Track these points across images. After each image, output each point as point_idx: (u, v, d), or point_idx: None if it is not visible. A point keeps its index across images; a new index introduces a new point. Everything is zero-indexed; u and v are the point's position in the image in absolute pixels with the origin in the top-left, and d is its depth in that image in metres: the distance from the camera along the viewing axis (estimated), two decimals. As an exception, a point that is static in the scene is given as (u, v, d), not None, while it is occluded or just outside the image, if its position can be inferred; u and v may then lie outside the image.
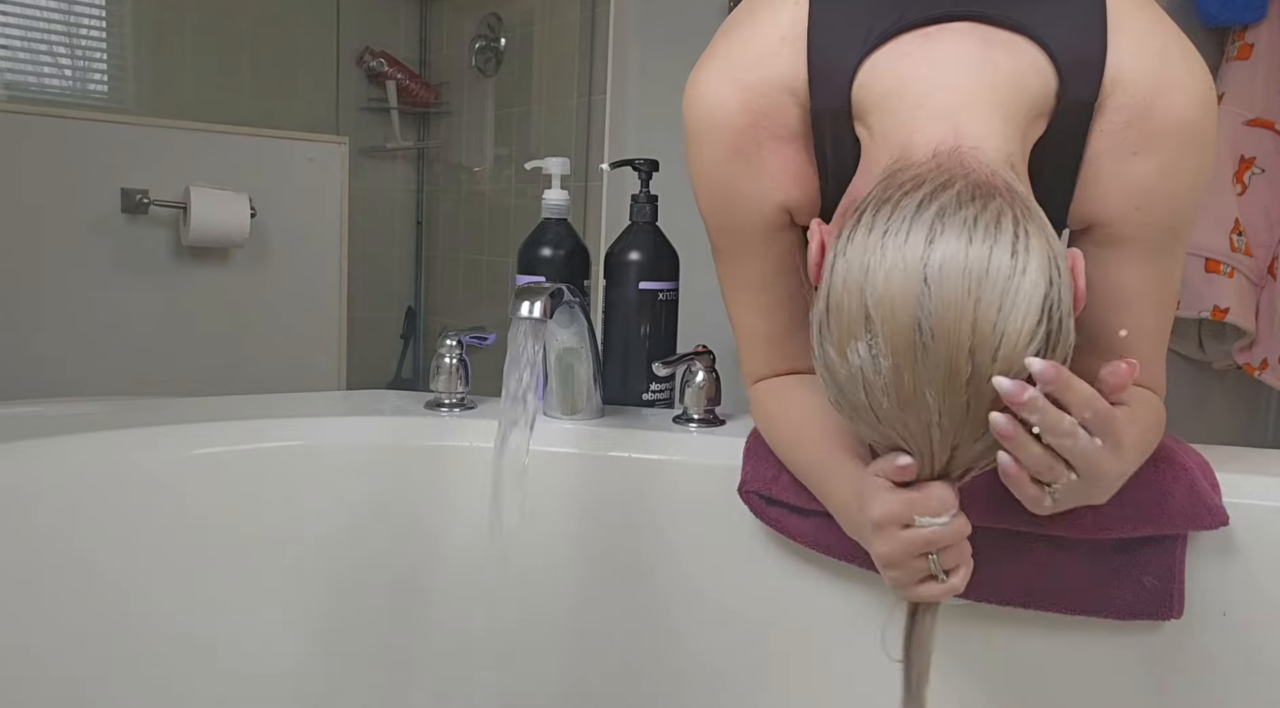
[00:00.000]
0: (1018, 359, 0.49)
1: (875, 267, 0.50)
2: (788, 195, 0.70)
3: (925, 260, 0.49)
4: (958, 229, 0.49)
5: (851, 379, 0.52)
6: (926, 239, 0.49)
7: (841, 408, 0.55)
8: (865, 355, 0.51)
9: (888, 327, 0.49)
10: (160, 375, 1.79)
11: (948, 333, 0.48)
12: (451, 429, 0.90)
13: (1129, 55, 0.62)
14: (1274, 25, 1.48)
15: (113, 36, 2.18)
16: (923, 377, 0.49)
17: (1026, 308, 0.49)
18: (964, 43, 0.61)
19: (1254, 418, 1.72)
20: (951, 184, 0.51)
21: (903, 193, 0.52)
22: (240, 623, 0.85)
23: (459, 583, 0.88)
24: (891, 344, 0.49)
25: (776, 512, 0.80)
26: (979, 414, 0.50)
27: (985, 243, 0.49)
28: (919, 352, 0.49)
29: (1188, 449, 0.75)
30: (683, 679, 0.86)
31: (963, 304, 0.48)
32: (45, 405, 0.93)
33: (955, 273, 0.48)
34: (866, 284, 0.50)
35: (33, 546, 0.77)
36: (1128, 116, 0.63)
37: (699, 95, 0.69)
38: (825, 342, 0.53)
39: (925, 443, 0.53)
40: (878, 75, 0.62)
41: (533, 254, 0.98)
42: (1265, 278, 1.49)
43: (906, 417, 0.51)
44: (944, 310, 0.48)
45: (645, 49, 1.90)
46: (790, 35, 0.66)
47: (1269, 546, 0.74)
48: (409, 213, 2.76)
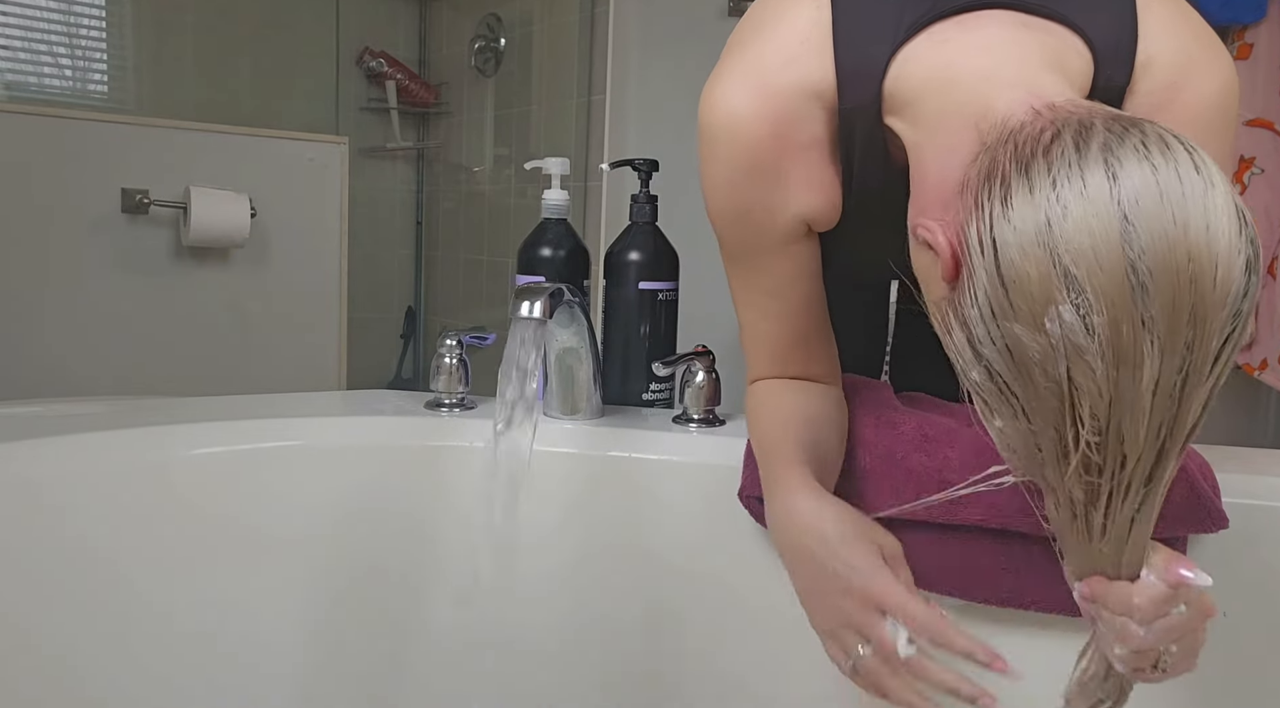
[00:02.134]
0: (1234, 278, 0.45)
1: (1059, 221, 0.45)
2: (808, 205, 0.68)
3: (1118, 198, 0.45)
4: (1134, 159, 0.45)
5: (1049, 355, 0.46)
6: (1108, 176, 0.45)
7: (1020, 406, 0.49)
8: (1071, 319, 0.45)
9: (1096, 279, 0.44)
10: (160, 375, 1.79)
11: (1166, 267, 0.44)
12: (451, 429, 0.90)
13: (1157, 40, 0.62)
14: (1274, 25, 1.48)
15: (113, 36, 2.18)
16: (1144, 323, 0.44)
17: (1228, 221, 0.45)
18: (1003, 27, 0.60)
19: (1254, 418, 1.72)
20: (1091, 122, 0.48)
21: (1043, 145, 0.48)
22: (240, 622, 0.85)
23: (458, 581, 0.88)
24: (1105, 296, 0.44)
25: (776, 513, 0.80)
26: (1200, 358, 0.46)
27: (1169, 165, 0.45)
28: (1138, 295, 0.44)
29: (1188, 450, 0.75)
30: (682, 679, 0.86)
31: (1173, 233, 0.44)
32: (45, 405, 0.93)
33: (1154, 202, 0.44)
34: (1055, 242, 0.45)
35: (33, 545, 0.77)
36: (1156, 100, 0.63)
37: (718, 106, 0.66)
38: (1006, 323, 0.47)
39: (1140, 416, 0.46)
40: (915, 65, 0.61)
41: (533, 254, 0.98)
42: (1265, 278, 1.49)
43: (1122, 377, 0.46)
44: (1155, 244, 0.44)
45: (645, 49, 1.90)
46: (813, 37, 0.64)
47: (1269, 546, 0.75)
48: (409, 213, 2.76)
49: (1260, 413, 1.71)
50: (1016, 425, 0.50)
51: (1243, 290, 0.45)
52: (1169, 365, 0.45)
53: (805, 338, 0.76)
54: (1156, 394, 0.46)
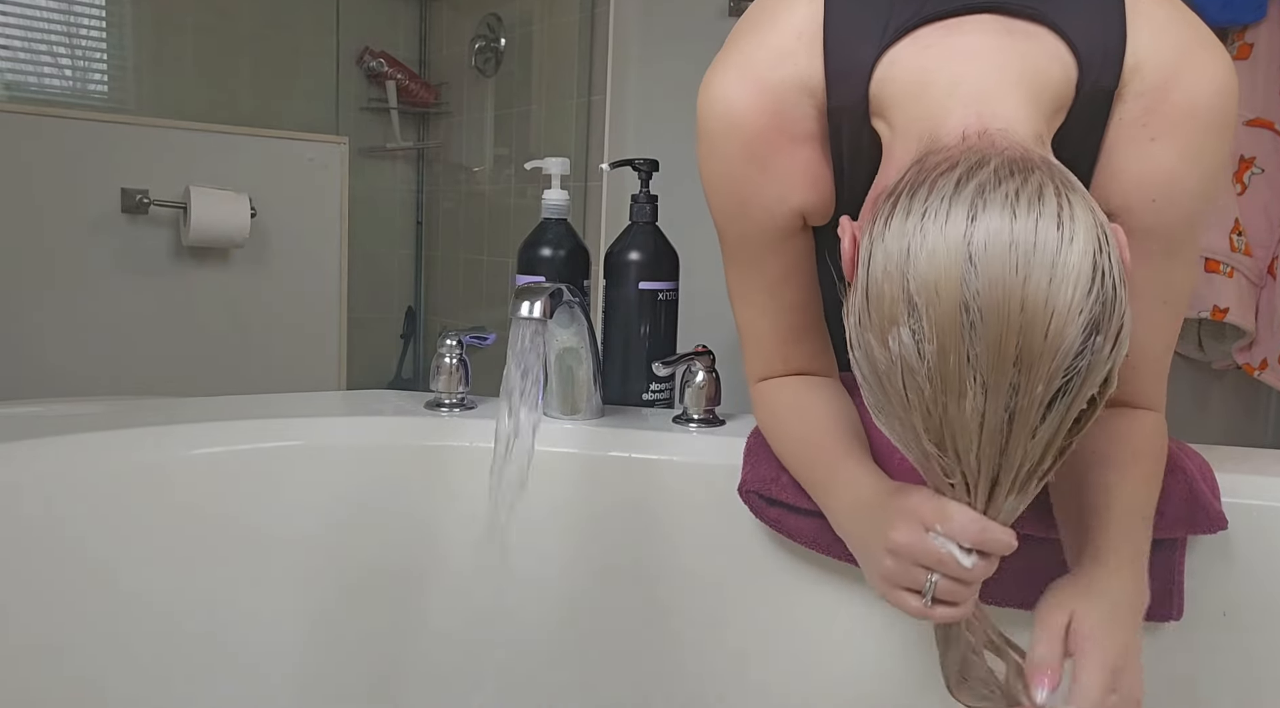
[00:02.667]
0: (1069, 334, 0.47)
1: (916, 249, 0.48)
2: (803, 198, 0.69)
3: (969, 239, 0.47)
4: (999, 204, 0.48)
5: (891, 368, 0.50)
6: (968, 216, 0.48)
7: (878, 405, 0.53)
8: (908, 342, 0.49)
9: (933, 310, 0.48)
10: (160, 375, 1.79)
11: (996, 311, 0.47)
12: (451, 429, 0.90)
13: (1148, 41, 0.62)
14: (1274, 25, 1.48)
15: (113, 36, 2.18)
16: (969, 359, 0.48)
17: (1076, 279, 0.47)
18: (985, 34, 0.60)
19: (1254, 418, 1.72)
20: (987, 162, 0.50)
21: (938, 174, 0.50)
22: (240, 622, 0.85)
23: (459, 582, 0.88)
24: (938, 326, 0.48)
25: (777, 512, 0.79)
26: (1027, 402, 0.48)
27: (1030, 216, 0.47)
28: (966, 332, 0.47)
29: (1188, 451, 0.75)
30: (682, 679, 0.86)
31: (1010, 281, 0.46)
32: (45, 406, 0.93)
33: (1001, 249, 0.47)
34: (908, 268, 0.48)
35: (33, 545, 0.77)
36: (1146, 103, 0.63)
37: (715, 98, 0.67)
38: (865, 332, 0.51)
39: (969, 440, 0.50)
40: (898, 69, 0.62)
41: (533, 254, 0.98)
42: (1265, 278, 1.49)
43: (949, 403, 0.49)
44: (991, 288, 0.47)
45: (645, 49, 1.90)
46: (806, 33, 0.65)
47: (1269, 546, 0.75)
48: (409, 213, 2.76)
49: (1260, 413, 1.71)
50: (883, 421, 0.54)
51: (1076, 348, 0.47)
52: (993, 402, 0.48)
53: (802, 334, 0.76)
54: (984, 427, 0.49)
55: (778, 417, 0.78)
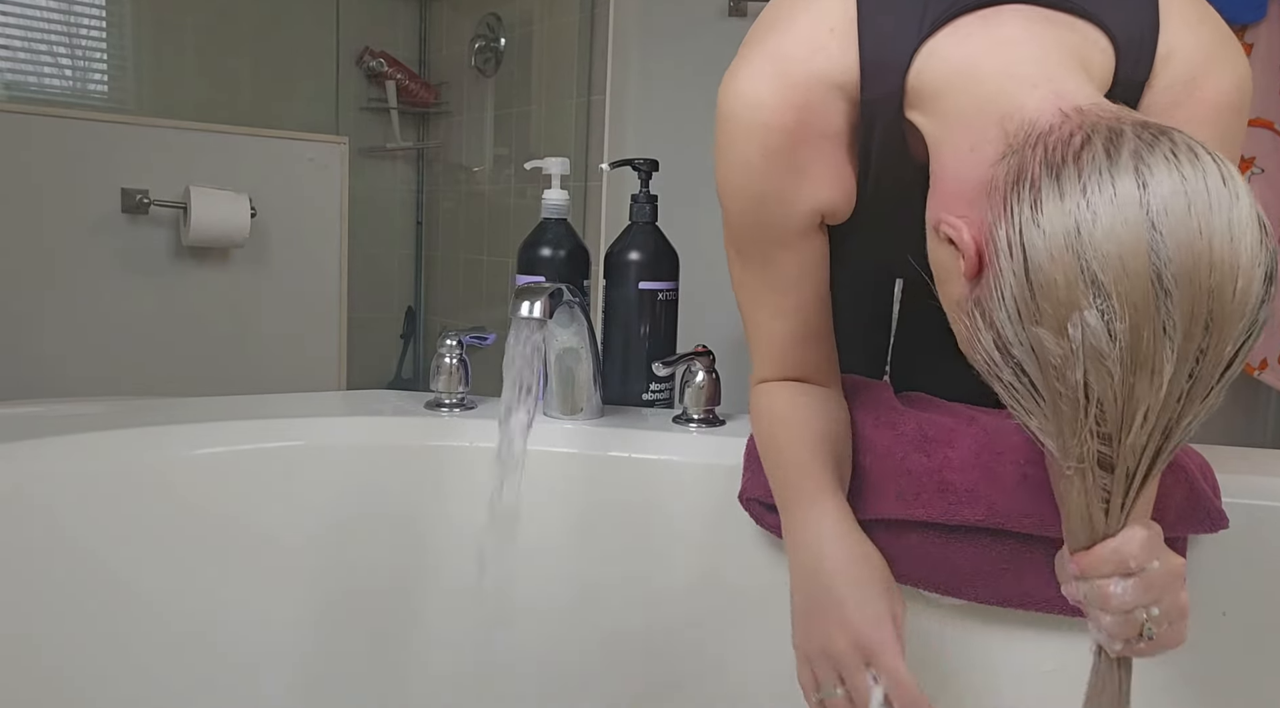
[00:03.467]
0: (1254, 289, 0.46)
1: (1088, 226, 0.46)
2: (825, 196, 0.68)
3: (1146, 206, 0.45)
4: (1165, 168, 0.46)
5: (1068, 359, 0.47)
6: (1138, 183, 0.46)
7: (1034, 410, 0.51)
8: (1096, 324, 0.46)
9: (1122, 285, 0.45)
10: (160, 375, 1.79)
11: (1189, 275, 0.45)
12: (451, 429, 0.90)
13: (1178, 34, 0.62)
14: (1274, 25, 1.48)
15: (113, 36, 2.18)
16: (1165, 330, 0.46)
17: (1251, 233, 0.46)
18: (1026, 23, 0.60)
19: (1254, 418, 1.72)
20: (1120, 130, 0.48)
21: (1074, 151, 0.48)
22: (240, 622, 0.85)
23: (459, 582, 0.88)
24: (1129, 302, 0.45)
25: (776, 519, 0.79)
26: (1212, 366, 0.47)
27: (1196, 175, 0.46)
28: (1160, 302, 0.45)
29: (1188, 450, 0.75)
30: (683, 678, 0.86)
31: (1197, 243, 0.45)
32: (45, 406, 0.93)
33: (1181, 212, 0.45)
34: (1083, 247, 0.46)
35: (33, 545, 0.77)
36: (1175, 95, 0.63)
37: (740, 92, 0.66)
38: (1035, 326, 0.48)
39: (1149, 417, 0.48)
40: (939, 59, 0.61)
41: (533, 254, 0.98)
42: (1265, 278, 1.49)
43: (1138, 383, 0.47)
44: (1181, 253, 0.45)
45: (645, 49, 1.90)
46: (839, 27, 0.64)
47: (1269, 546, 0.75)
48: (409, 213, 2.76)
49: (1260, 413, 1.71)
50: (1046, 424, 0.51)
51: (1260, 300, 0.46)
52: (1181, 371, 0.46)
53: (811, 337, 0.75)
54: (1166, 397, 0.47)
55: (767, 424, 0.77)
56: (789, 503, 0.70)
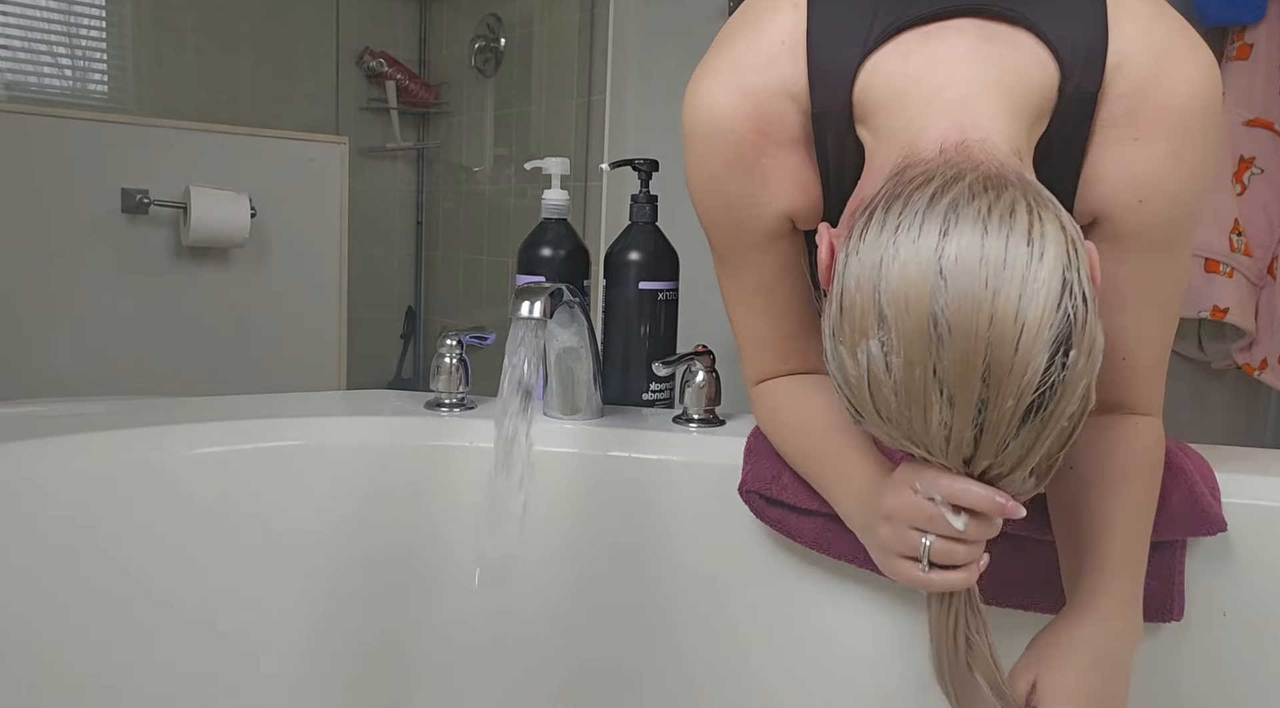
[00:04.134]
0: (1038, 348, 0.47)
1: (888, 262, 0.49)
2: (790, 202, 0.69)
3: (940, 253, 0.48)
4: (972, 220, 0.48)
5: (860, 379, 0.51)
6: (940, 231, 0.48)
7: (852, 411, 0.55)
8: (876, 354, 0.50)
9: (902, 323, 0.48)
10: (161, 375, 1.79)
11: (965, 325, 0.47)
12: (451, 429, 0.90)
13: (1130, 41, 0.62)
14: (1274, 25, 1.48)
15: (113, 36, 2.18)
16: (935, 372, 0.48)
17: (1046, 294, 0.47)
18: (965, 39, 0.60)
19: (1254, 418, 1.72)
20: (962, 177, 0.51)
21: (913, 188, 0.51)
22: (241, 621, 0.85)
23: (459, 582, 0.88)
24: (905, 339, 0.48)
25: (777, 512, 0.80)
26: (996, 417, 0.49)
27: (1000, 232, 0.48)
28: (934, 346, 0.48)
29: (1188, 451, 0.75)
30: (682, 679, 0.87)
31: (980, 295, 0.47)
32: (45, 405, 0.93)
33: (971, 264, 0.47)
34: (880, 281, 0.49)
35: (33, 545, 0.77)
36: (1129, 103, 0.62)
37: (699, 104, 0.68)
38: (838, 344, 0.52)
39: (937, 450, 0.52)
40: (880, 75, 0.62)
41: (533, 254, 0.98)
42: (1265, 278, 1.49)
43: (913, 416, 0.50)
44: (960, 302, 0.47)
45: (645, 49, 1.89)
46: (790, 38, 0.65)
47: (1269, 547, 0.75)
48: (409, 213, 2.76)
49: (1260, 413, 1.71)
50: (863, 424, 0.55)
51: (1045, 363, 0.48)
52: (960, 416, 0.49)
53: (798, 334, 0.76)
54: (950, 439, 0.50)
55: (777, 413, 0.78)
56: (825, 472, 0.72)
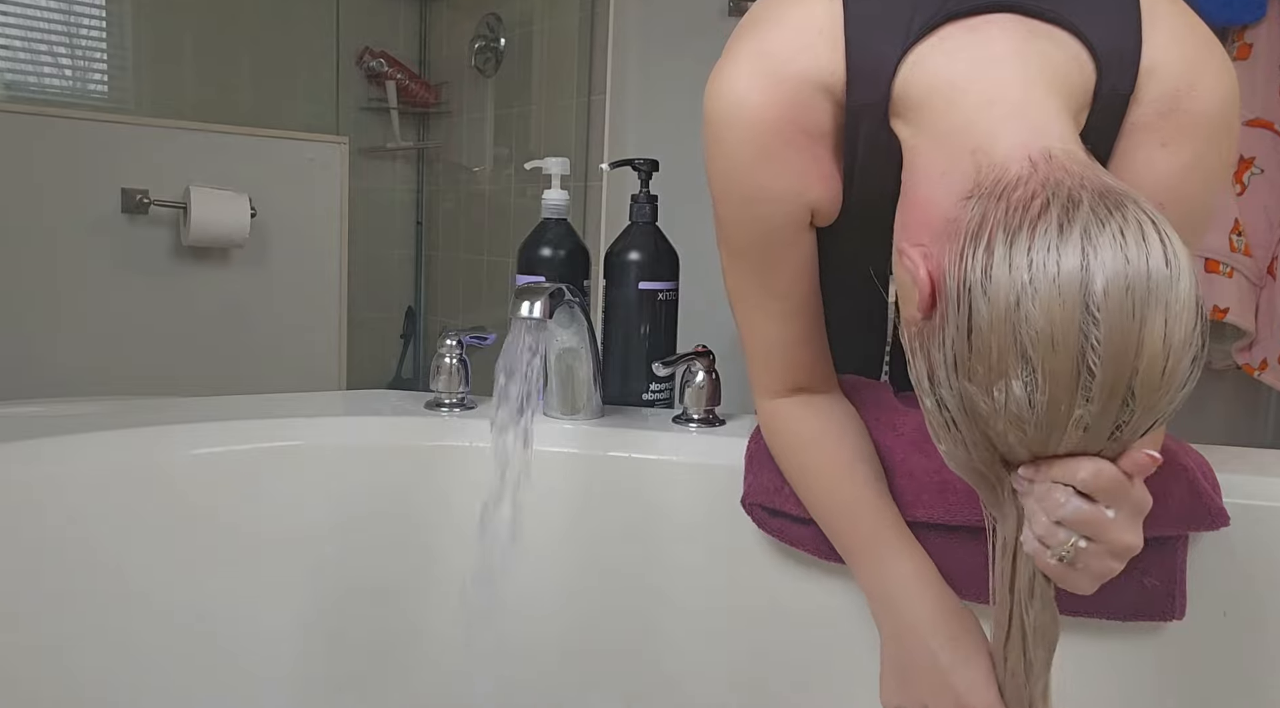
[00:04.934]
0: (1182, 369, 0.47)
1: (1028, 302, 0.47)
2: (814, 195, 0.68)
3: (1085, 289, 0.46)
4: (1110, 249, 0.46)
5: (993, 414, 0.50)
6: (1081, 265, 0.46)
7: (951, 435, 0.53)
8: (1019, 393, 0.48)
9: (1049, 364, 0.47)
10: (160, 375, 1.79)
11: (1115, 359, 0.46)
12: (451, 429, 0.90)
13: (1163, 47, 0.62)
14: (1274, 25, 1.48)
15: (113, 36, 2.18)
16: (1083, 401, 0.47)
17: (1187, 316, 0.47)
18: (1009, 36, 0.59)
19: (1254, 418, 1.72)
20: (1077, 198, 0.49)
21: (1031, 217, 0.49)
22: (241, 620, 0.85)
23: (458, 582, 0.88)
24: (1053, 379, 0.47)
25: (779, 523, 0.79)
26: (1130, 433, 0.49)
27: (1141, 257, 0.46)
28: (1083, 380, 0.47)
29: (1188, 449, 0.75)
30: (682, 678, 0.86)
31: (1129, 326, 0.46)
32: (45, 406, 0.93)
33: (1119, 295, 0.46)
34: (1020, 321, 0.47)
35: (33, 545, 0.77)
36: (1159, 108, 0.62)
37: (726, 89, 0.66)
38: (965, 382, 0.50)
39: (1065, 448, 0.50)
40: (923, 70, 0.61)
41: (533, 254, 0.98)
42: (1265, 278, 1.49)
43: (1049, 438, 0.49)
44: (1111, 336, 0.46)
45: (645, 49, 1.89)
46: (827, 28, 0.64)
47: (1269, 546, 0.75)
48: (409, 213, 2.76)
49: (1260, 413, 1.71)
50: (956, 452, 0.54)
51: (1184, 381, 0.48)
52: (1095, 436, 0.49)
53: (807, 340, 0.75)
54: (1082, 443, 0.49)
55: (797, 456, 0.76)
56: (856, 549, 0.72)
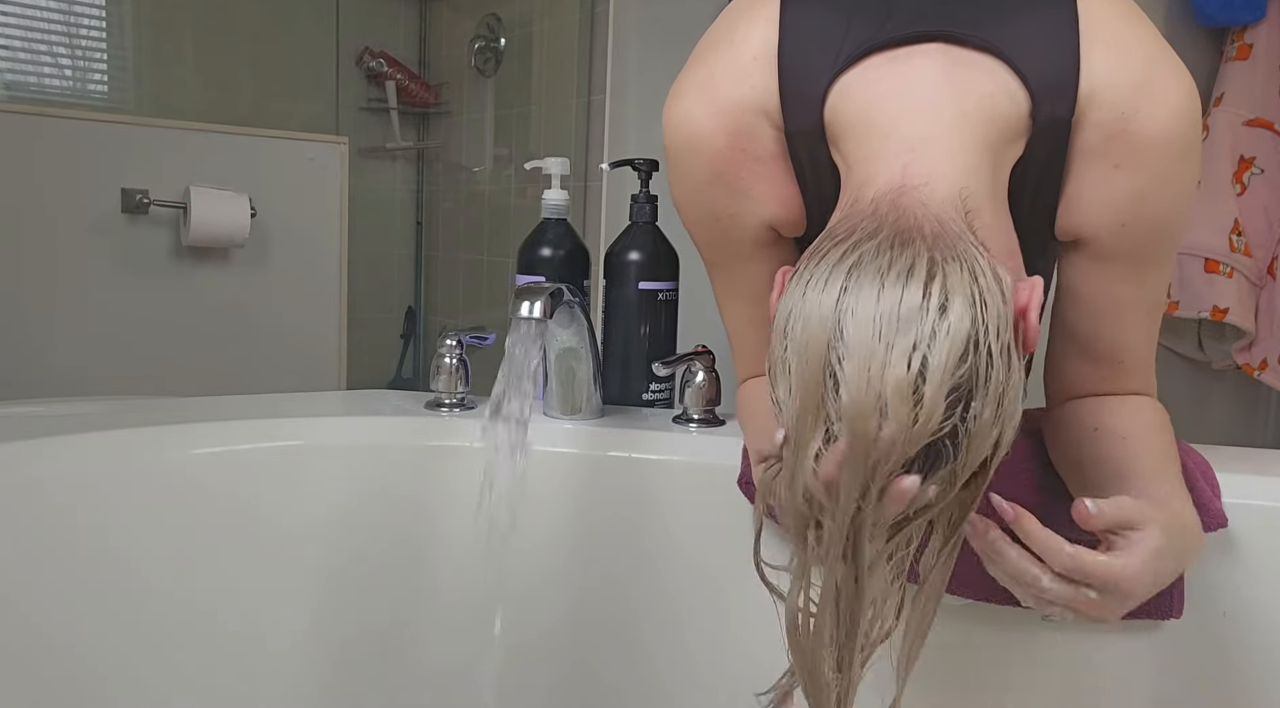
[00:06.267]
0: (937, 403, 0.46)
1: (796, 314, 0.50)
2: (773, 214, 0.69)
3: (839, 307, 0.48)
4: (871, 276, 0.48)
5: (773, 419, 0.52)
6: (842, 287, 0.48)
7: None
8: (784, 398, 0.50)
9: (801, 372, 0.49)
10: (160, 375, 1.79)
11: (859, 377, 0.47)
12: (451, 429, 0.90)
13: (1103, 69, 0.61)
14: (1273, 25, 1.48)
15: (113, 36, 2.18)
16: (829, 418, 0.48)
17: (947, 349, 0.46)
18: (932, 66, 0.59)
19: (1254, 418, 1.72)
20: (877, 233, 0.51)
21: (833, 243, 0.51)
22: (241, 620, 0.85)
23: (458, 582, 0.88)
24: (803, 386, 0.49)
25: (774, 506, 0.80)
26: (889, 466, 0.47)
27: (895, 287, 0.47)
28: (829, 395, 0.47)
29: (1187, 449, 0.75)
30: (683, 678, 0.87)
31: (873, 347, 0.47)
32: (46, 405, 0.93)
33: (866, 318, 0.47)
34: (789, 330, 0.50)
35: (33, 545, 0.77)
36: (1106, 131, 0.61)
37: (676, 119, 0.68)
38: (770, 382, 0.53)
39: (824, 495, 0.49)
40: (847, 99, 0.61)
41: (533, 254, 0.98)
42: (1264, 278, 1.49)
43: (798, 461, 0.49)
44: (854, 353, 0.47)
45: (645, 49, 1.89)
46: (762, 55, 0.65)
47: (1269, 546, 0.75)
48: (409, 213, 2.76)
49: (1260, 413, 1.71)
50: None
51: (941, 415, 0.46)
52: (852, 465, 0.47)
53: None
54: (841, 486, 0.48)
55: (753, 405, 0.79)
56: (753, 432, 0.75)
